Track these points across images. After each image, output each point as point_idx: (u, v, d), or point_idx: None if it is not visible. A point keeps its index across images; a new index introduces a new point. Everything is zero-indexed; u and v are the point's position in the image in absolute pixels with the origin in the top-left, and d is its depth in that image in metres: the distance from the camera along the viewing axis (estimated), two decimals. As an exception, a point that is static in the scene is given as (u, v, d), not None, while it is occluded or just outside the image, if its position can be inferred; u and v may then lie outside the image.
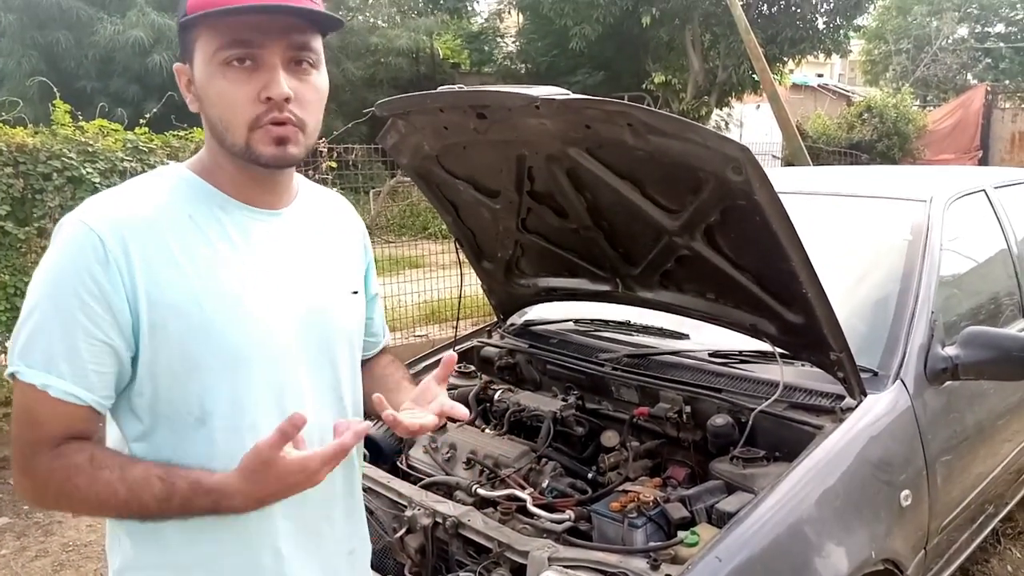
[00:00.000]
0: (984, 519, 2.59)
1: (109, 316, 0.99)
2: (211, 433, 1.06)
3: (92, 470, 1.00)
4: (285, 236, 1.15)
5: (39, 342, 0.99)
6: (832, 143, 15.04)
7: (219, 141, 1.07)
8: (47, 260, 1.02)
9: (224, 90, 1.03)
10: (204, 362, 1.04)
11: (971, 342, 2.12)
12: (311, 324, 1.16)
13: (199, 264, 1.04)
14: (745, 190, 1.64)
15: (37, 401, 0.99)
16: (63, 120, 4.26)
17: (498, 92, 1.86)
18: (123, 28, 11.23)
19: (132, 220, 1.02)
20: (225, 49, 1.01)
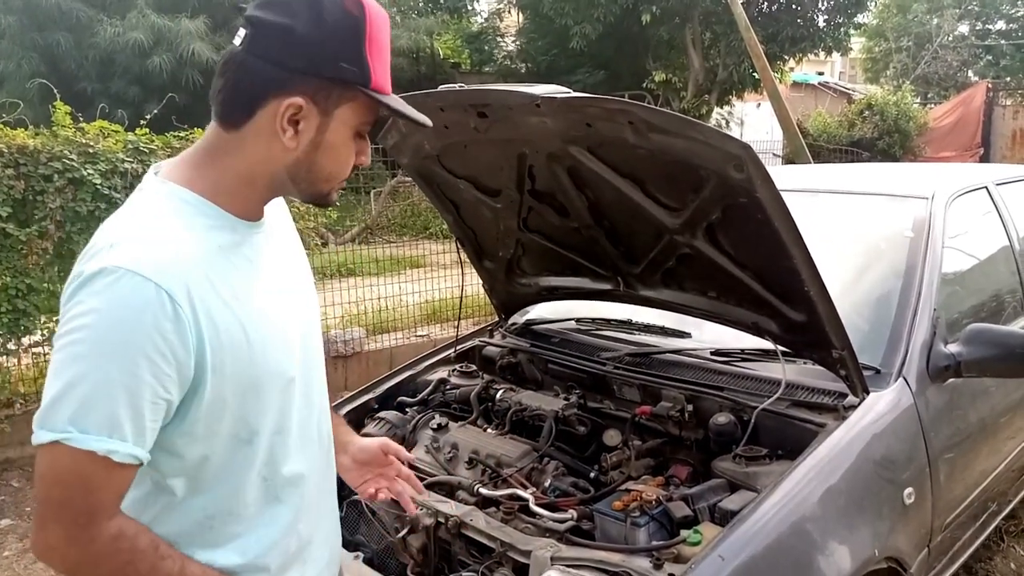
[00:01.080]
0: (987, 517, 2.59)
1: (175, 374, 0.97)
2: (255, 449, 1.10)
3: (155, 559, 1.01)
4: (272, 245, 1.17)
5: (100, 407, 0.93)
6: (833, 141, 15.02)
7: (294, 181, 1.08)
8: (102, 318, 0.94)
9: (348, 153, 1.09)
10: (255, 387, 1.07)
11: (974, 339, 2.11)
12: (312, 325, 1.22)
13: (237, 294, 1.05)
14: (747, 188, 1.64)
15: (96, 467, 0.94)
16: (64, 121, 4.25)
17: (499, 91, 1.86)
18: (123, 30, 11.24)
19: (184, 266, 0.99)
20: (368, 124, 1.09)
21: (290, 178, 1.08)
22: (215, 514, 1.09)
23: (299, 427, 1.18)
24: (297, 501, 1.18)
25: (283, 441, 1.13)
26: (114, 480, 0.97)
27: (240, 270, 1.08)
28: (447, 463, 2.15)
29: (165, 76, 11.06)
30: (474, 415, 2.37)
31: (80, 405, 0.93)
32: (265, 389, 1.09)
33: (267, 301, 1.10)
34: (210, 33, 12.00)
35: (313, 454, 1.23)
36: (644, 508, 1.70)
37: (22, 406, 4.40)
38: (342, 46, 1.02)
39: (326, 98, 1.04)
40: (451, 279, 5.68)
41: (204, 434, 1.04)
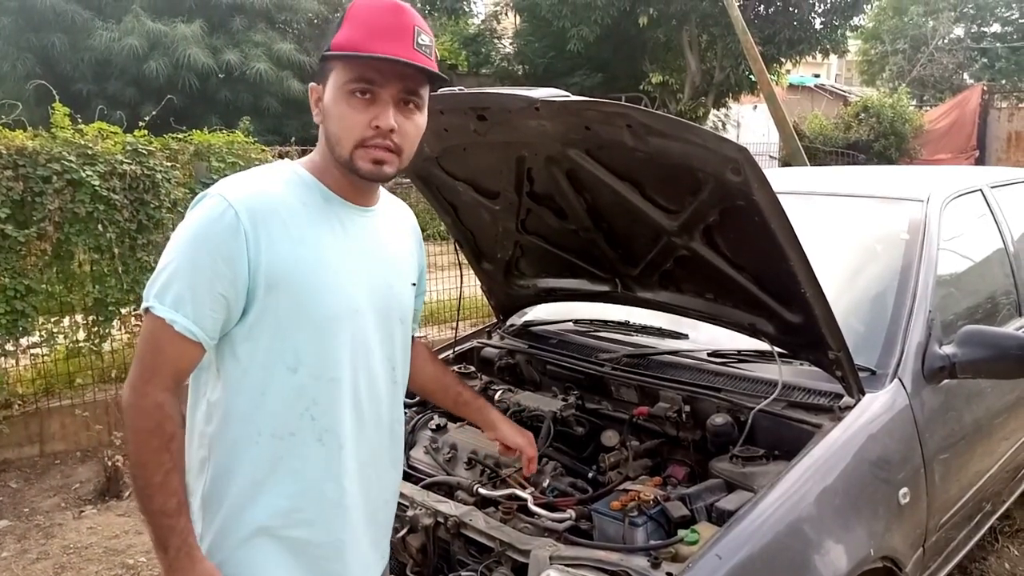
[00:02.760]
0: (982, 517, 2.60)
1: (231, 275, 1.24)
2: (300, 380, 1.31)
3: (164, 444, 1.24)
4: (372, 228, 1.41)
5: (173, 287, 1.22)
6: (829, 143, 15.06)
7: (330, 150, 1.32)
8: (191, 222, 1.26)
9: (344, 113, 1.28)
10: (303, 319, 1.29)
11: (968, 341, 2.13)
12: (384, 300, 1.42)
13: (307, 241, 1.30)
14: (744, 190, 1.65)
15: (164, 331, 1.22)
16: (62, 123, 4.26)
17: (498, 94, 1.88)
18: (119, 35, 11.23)
19: (261, 202, 1.27)
20: (352, 82, 1.27)
21: (329, 149, 1.33)
22: (262, 430, 1.30)
23: (353, 394, 1.37)
24: (337, 453, 1.35)
25: (331, 392, 1.33)
26: (176, 348, 1.23)
27: (316, 227, 1.31)
28: (446, 463, 2.16)
29: (162, 79, 11.05)
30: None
31: (163, 284, 1.23)
32: (312, 328, 1.29)
33: (340, 260, 1.33)
34: (206, 36, 11.99)
35: (368, 432, 1.41)
36: (642, 508, 1.71)
37: (20, 407, 4.40)
38: (328, 35, 1.29)
39: (322, 75, 1.32)
40: (450, 280, 5.69)
41: (255, 345, 1.28)
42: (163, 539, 1.24)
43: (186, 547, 1.25)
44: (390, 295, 1.43)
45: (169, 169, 4.46)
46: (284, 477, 1.32)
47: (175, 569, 1.25)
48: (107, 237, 4.18)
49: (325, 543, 1.37)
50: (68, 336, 4.49)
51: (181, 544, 1.25)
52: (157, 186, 4.36)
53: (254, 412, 1.30)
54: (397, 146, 1.30)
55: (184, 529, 1.25)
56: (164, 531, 1.24)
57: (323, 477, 1.35)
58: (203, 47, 11.74)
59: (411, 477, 2.14)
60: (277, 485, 1.32)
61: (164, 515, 1.24)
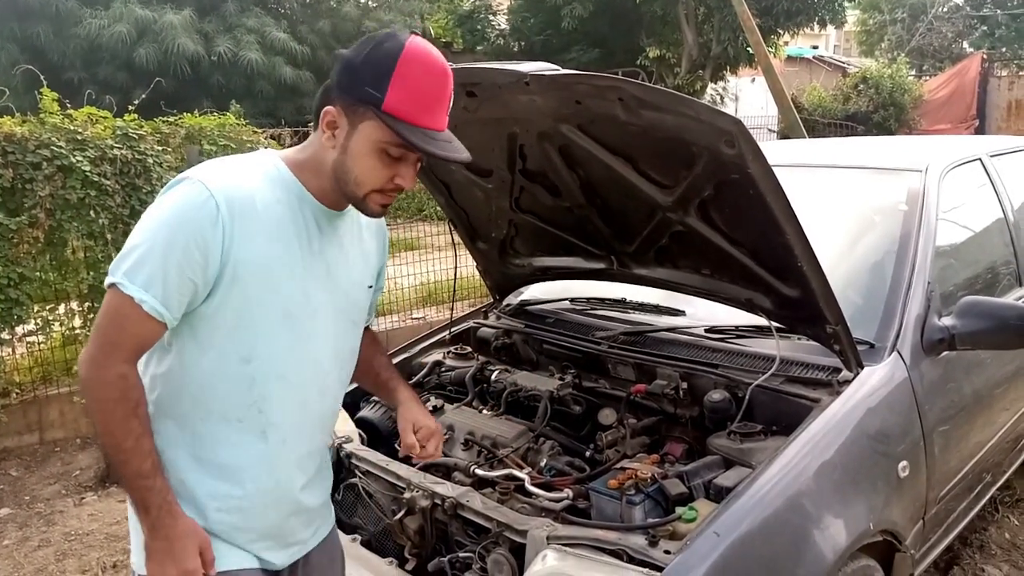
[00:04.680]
0: (982, 488, 2.60)
1: (203, 262, 1.26)
2: (252, 372, 1.34)
3: (131, 412, 1.26)
4: (339, 231, 1.44)
5: (146, 266, 1.24)
6: (828, 115, 14.96)
7: (338, 180, 1.34)
8: (169, 204, 1.27)
9: (373, 165, 1.32)
10: (262, 316, 1.33)
11: (968, 312, 2.11)
12: (341, 304, 1.46)
13: (276, 240, 1.33)
14: (738, 163, 1.63)
15: (131, 309, 1.24)
16: (51, 108, 4.21)
17: (487, 69, 1.84)
18: (108, 22, 11.12)
19: (240, 195, 1.29)
20: (392, 146, 1.30)
21: (335, 175, 1.34)
22: (212, 410, 1.35)
23: (301, 392, 1.40)
24: (278, 447, 1.39)
25: (280, 388, 1.36)
26: (141, 326, 1.26)
27: (286, 227, 1.34)
28: (443, 444, 2.14)
29: (152, 66, 10.97)
30: (469, 396, 2.37)
31: (135, 262, 1.25)
32: (269, 325, 1.33)
33: (305, 261, 1.36)
34: (197, 21, 11.86)
35: (310, 428, 1.45)
36: (639, 486, 1.71)
37: (18, 396, 4.40)
38: (372, 75, 1.27)
39: (353, 113, 1.31)
40: (445, 261, 5.66)
41: (219, 333, 1.31)
42: (143, 500, 1.27)
43: (167, 505, 1.28)
44: (347, 299, 1.47)
45: (160, 153, 4.42)
46: (224, 461, 1.36)
47: (158, 527, 1.28)
48: (100, 223, 4.15)
49: (256, 528, 1.41)
50: (64, 323, 4.47)
51: (161, 503, 1.28)
52: (149, 170, 4.32)
53: (205, 392, 1.34)
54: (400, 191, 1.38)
55: (162, 488, 1.28)
56: (143, 492, 1.27)
57: (261, 469, 1.39)
58: (193, 35, 11.62)
59: (408, 459, 2.14)
60: (217, 467, 1.36)
61: (140, 477, 1.26)
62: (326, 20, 13.49)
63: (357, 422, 2.31)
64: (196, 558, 1.29)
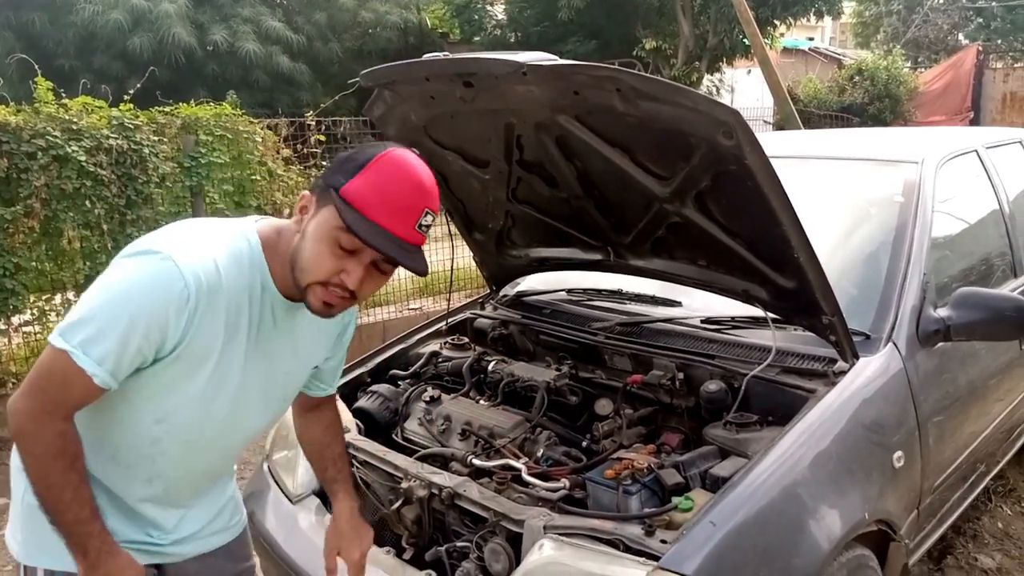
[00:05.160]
0: (976, 478, 2.62)
1: (159, 343, 1.25)
2: (160, 432, 1.36)
3: (68, 468, 1.25)
4: (295, 321, 1.43)
5: (104, 342, 1.21)
6: (823, 107, 14.93)
7: (292, 265, 1.32)
8: (138, 280, 1.23)
9: (321, 252, 1.28)
10: (187, 388, 1.33)
11: (963, 303, 2.12)
12: (273, 386, 1.46)
13: (228, 333, 1.32)
14: (736, 154, 1.63)
15: (80, 379, 1.22)
16: (46, 98, 4.19)
17: (484, 59, 1.84)
18: (103, 9, 11.05)
19: (210, 281, 1.27)
20: (343, 234, 1.26)
21: (292, 259, 1.32)
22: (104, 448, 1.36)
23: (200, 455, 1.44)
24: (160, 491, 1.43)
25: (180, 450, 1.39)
26: (85, 392, 1.24)
27: (244, 316, 1.34)
28: (440, 435, 2.15)
29: (147, 55, 10.91)
30: (466, 387, 2.37)
31: (92, 335, 1.21)
32: (194, 405, 1.34)
33: (248, 353, 1.37)
34: (192, 11, 11.79)
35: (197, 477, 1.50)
36: (636, 476, 1.71)
37: (14, 386, 4.39)
38: (348, 166, 1.28)
39: (320, 198, 1.30)
40: (442, 252, 5.63)
41: (142, 394, 1.32)
42: (81, 545, 1.27)
43: (105, 546, 1.29)
44: (284, 381, 1.49)
45: (156, 143, 4.40)
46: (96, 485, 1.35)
47: (96, 567, 1.28)
48: (95, 213, 4.14)
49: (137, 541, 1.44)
50: (60, 313, 4.46)
51: (100, 545, 1.28)
52: (144, 161, 4.31)
53: (108, 434, 1.36)
54: (352, 298, 1.33)
55: (101, 531, 1.29)
56: (82, 538, 1.27)
57: (130, 499, 1.42)
58: (188, 24, 11.55)
59: (405, 449, 2.14)
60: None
61: (79, 524, 1.26)
62: (322, 12, 13.42)
63: (354, 412, 2.31)
64: None
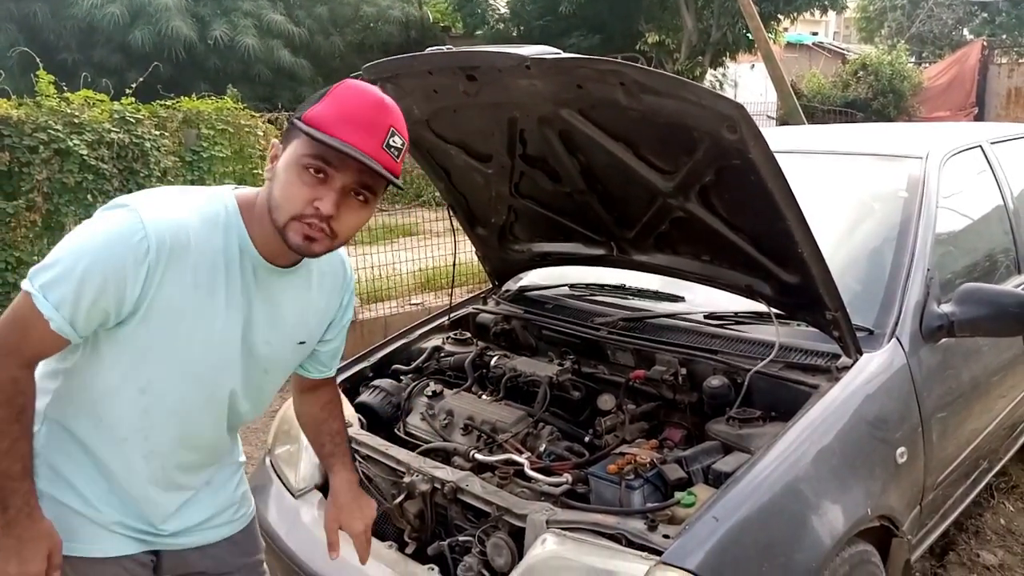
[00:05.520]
0: (978, 474, 2.61)
1: (118, 297, 1.24)
2: (146, 403, 1.35)
3: (15, 414, 1.26)
4: (278, 290, 1.41)
5: (61, 285, 1.22)
6: (827, 102, 14.91)
7: (269, 210, 1.30)
8: (99, 231, 1.25)
9: (291, 183, 1.27)
10: (167, 360, 1.33)
11: (967, 299, 2.11)
12: (254, 357, 1.42)
13: (198, 295, 1.30)
14: (740, 149, 1.62)
15: (37, 321, 1.23)
16: (48, 91, 4.18)
17: (487, 53, 1.83)
18: (101, 2, 11.04)
19: (176, 238, 1.26)
20: (309, 157, 1.25)
21: (268, 207, 1.30)
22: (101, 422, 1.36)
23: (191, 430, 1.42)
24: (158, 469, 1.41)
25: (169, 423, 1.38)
26: (42, 338, 1.25)
27: (218, 277, 1.32)
28: (443, 430, 2.15)
29: (147, 48, 10.90)
30: (469, 382, 2.37)
31: (51, 280, 1.23)
32: (172, 370, 1.33)
33: (224, 318, 1.34)
34: (192, 4, 11.78)
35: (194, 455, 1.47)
36: (638, 471, 1.71)
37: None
38: (307, 104, 1.28)
39: (286, 138, 1.31)
40: (444, 247, 5.64)
41: (123, 359, 1.32)
42: (4, 499, 1.28)
43: (27, 508, 1.29)
44: (263, 352, 1.44)
45: (158, 137, 4.40)
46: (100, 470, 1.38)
47: (13, 526, 1.28)
48: (97, 207, 4.13)
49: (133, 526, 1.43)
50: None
51: (23, 505, 1.29)
52: (146, 154, 4.31)
53: (99, 407, 1.35)
54: (332, 231, 1.29)
55: (27, 492, 1.29)
56: (6, 493, 1.28)
57: (132, 483, 1.40)
58: (187, 17, 11.54)
59: (407, 444, 2.14)
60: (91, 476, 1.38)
61: (8, 478, 1.27)
62: (324, 5, 13.39)
63: (357, 407, 2.31)
64: (42, 562, 1.30)
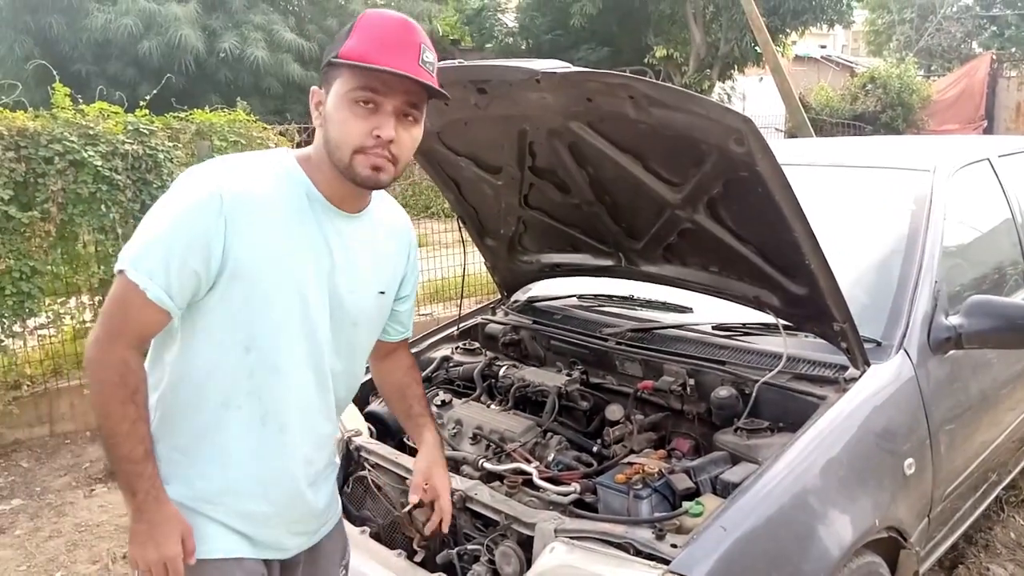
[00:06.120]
0: (987, 487, 2.60)
1: (206, 254, 1.28)
2: (252, 361, 1.36)
3: (128, 397, 1.29)
4: (349, 234, 1.43)
5: (150, 256, 1.27)
6: (836, 115, 14.92)
7: (329, 153, 1.35)
8: (175, 197, 1.31)
9: (346, 119, 1.31)
10: (259, 312, 1.34)
11: (975, 311, 2.11)
12: (339, 306, 1.44)
13: (279, 241, 1.34)
14: (747, 161, 1.64)
15: (135, 295, 1.27)
16: (63, 103, 4.24)
17: (499, 67, 1.86)
18: (115, 16, 11.20)
19: (246, 192, 1.31)
20: (358, 90, 1.29)
21: (327, 153, 1.35)
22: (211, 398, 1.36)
23: (300, 385, 1.41)
24: (277, 435, 1.40)
25: (279, 379, 1.38)
26: (145, 313, 1.29)
27: (292, 229, 1.35)
28: (452, 439, 2.16)
29: (159, 60, 11.03)
30: (478, 392, 2.39)
31: (140, 251, 1.28)
32: (266, 321, 1.35)
33: (306, 266, 1.37)
34: (203, 16, 11.91)
35: (315, 419, 1.46)
36: (647, 481, 1.72)
37: (29, 388, 4.44)
38: (337, 44, 1.32)
39: (326, 80, 1.34)
40: (453, 258, 5.68)
41: (217, 325, 1.34)
42: (131, 484, 1.30)
43: (154, 491, 1.31)
44: (349, 301, 1.45)
45: (171, 149, 4.44)
46: (224, 445, 1.38)
47: (143, 511, 1.31)
48: (111, 217, 4.18)
49: (255, 515, 1.41)
50: (75, 316, 4.50)
51: (149, 488, 1.31)
52: (159, 166, 4.35)
53: (208, 379, 1.36)
54: (394, 156, 1.33)
55: (151, 475, 1.32)
56: (132, 477, 1.30)
57: (261, 454, 1.40)
58: (197, 28, 11.67)
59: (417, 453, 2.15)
60: (215, 450, 1.38)
61: (131, 462, 1.29)
62: (334, 18, 13.50)
63: (366, 416, 2.33)
64: (177, 544, 1.32)
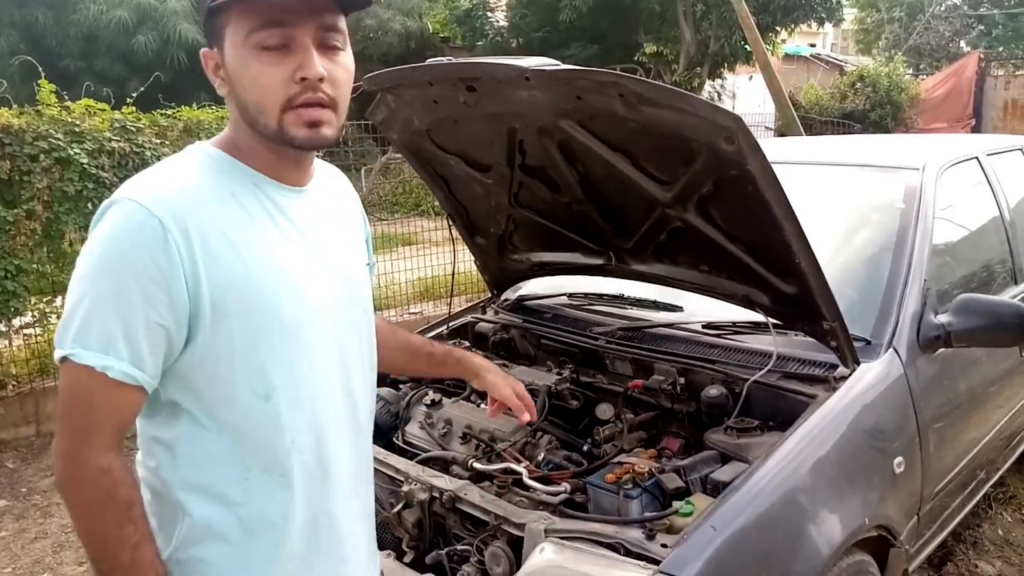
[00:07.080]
0: (976, 484, 2.62)
1: (167, 299, 0.99)
2: (276, 407, 1.08)
3: (123, 515, 1.02)
4: (313, 211, 1.17)
5: (96, 325, 0.98)
6: (825, 113, 14.95)
7: (250, 124, 1.08)
8: (100, 241, 1.00)
9: (258, 73, 1.03)
10: (264, 340, 1.06)
11: (964, 309, 2.12)
12: (347, 294, 1.21)
13: (250, 243, 1.06)
14: (737, 160, 1.63)
15: (94, 382, 0.99)
16: (49, 100, 4.19)
17: (488, 64, 1.85)
18: (106, 8, 11.12)
19: (185, 201, 1.02)
20: (259, 30, 1.02)
21: (245, 121, 1.09)
22: (251, 467, 1.09)
23: (333, 408, 1.17)
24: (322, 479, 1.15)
25: (313, 413, 1.12)
26: (112, 399, 1.00)
27: (256, 222, 1.08)
28: (441, 438, 2.15)
29: (150, 55, 10.96)
30: (467, 391, 2.37)
31: (81, 323, 0.98)
32: (276, 347, 1.08)
33: (292, 260, 1.11)
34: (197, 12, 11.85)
35: (348, 440, 1.21)
36: (637, 480, 1.71)
37: (15, 388, 4.40)
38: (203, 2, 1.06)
39: (214, 35, 1.07)
40: (443, 256, 5.66)
41: (220, 376, 1.05)
42: None
43: None
44: (350, 286, 1.22)
45: (158, 146, 4.41)
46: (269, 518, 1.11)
47: None
48: (97, 215, 4.15)
49: None
50: (61, 315, 4.46)
51: None
52: (147, 163, 4.31)
53: (234, 450, 1.08)
54: (331, 98, 1.06)
55: None
56: None
57: (315, 511, 1.16)
58: (194, 22, 11.61)
59: (406, 452, 2.15)
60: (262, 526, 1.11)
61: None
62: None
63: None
64: None
